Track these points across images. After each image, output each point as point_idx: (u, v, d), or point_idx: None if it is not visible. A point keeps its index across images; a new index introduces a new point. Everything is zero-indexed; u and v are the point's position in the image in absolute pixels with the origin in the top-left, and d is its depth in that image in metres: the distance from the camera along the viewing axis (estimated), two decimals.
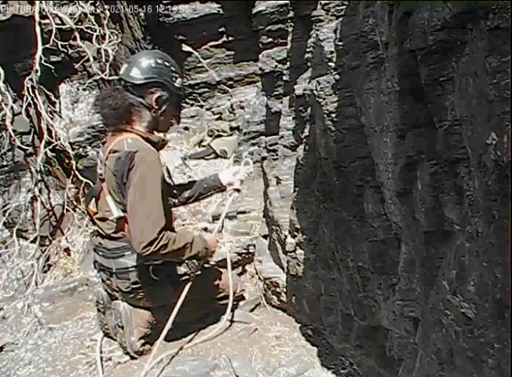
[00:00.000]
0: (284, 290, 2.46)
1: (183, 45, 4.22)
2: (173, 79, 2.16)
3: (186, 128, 4.40)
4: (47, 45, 3.86)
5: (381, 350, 1.79)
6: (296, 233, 2.21)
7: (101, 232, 2.17)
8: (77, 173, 4.00)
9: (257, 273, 2.72)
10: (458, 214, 1.08)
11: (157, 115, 2.15)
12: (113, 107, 2.04)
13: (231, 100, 4.31)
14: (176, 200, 2.47)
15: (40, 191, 3.94)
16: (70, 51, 4.12)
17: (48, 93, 4.04)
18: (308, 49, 2.00)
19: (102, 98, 2.10)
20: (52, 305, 2.90)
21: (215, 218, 3.24)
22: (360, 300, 1.79)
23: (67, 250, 3.99)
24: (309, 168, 2.00)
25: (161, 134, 2.28)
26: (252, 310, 2.58)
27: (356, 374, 2.00)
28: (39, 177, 3.94)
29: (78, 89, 4.23)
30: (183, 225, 3.40)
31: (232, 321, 2.36)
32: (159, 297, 2.18)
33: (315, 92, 1.69)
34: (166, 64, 2.15)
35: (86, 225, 3.92)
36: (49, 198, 4.03)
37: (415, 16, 1.07)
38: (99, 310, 2.40)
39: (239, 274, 2.82)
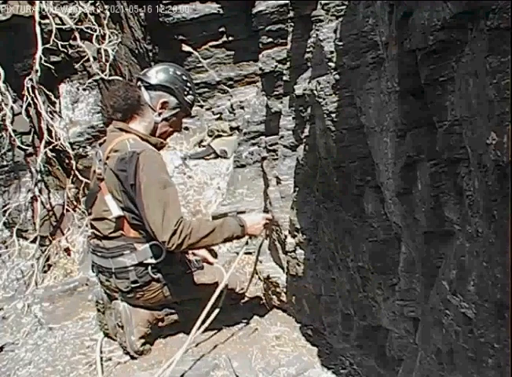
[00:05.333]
0: (284, 290, 2.46)
1: (183, 45, 4.22)
2: (185, 93, 2.23)
3: (186, 128, 4.40)
4: (47, 45, 3.86)
5: (381, 350, 1.79)
6: (296, 233, 2.21)
7: (98, 233, 2.16)
8: (77, 173, 4.00)
9: (257, 273, 2.72)
10: (459, 214, 1.08)
11: (158, 119, 2.19)
12: (123, 98, 2.11)
13: (231, 100, 4.31)
14: None
15: (40, 191, 3.94)
16: (70, 51, 4.12)
17: (48, 93, 4.04)
18: (308, 49, 2.00)
19: (113, 90, 2.18)
20: (52, 305, 2.90)
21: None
22: (360, 300, 1.79)
23: (67, 250, 3.99)
24: (309, 168, 2.00)
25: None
26: (252, 310, 2.58)
27: (356, 374, 1.99)
28: (39, 177, 3.94)
29: (78, 89, 4.23)
30: None
31: (232, 321, 2.36)
32: (159, 296, 2.18)
33: (315, 92, 1.69)
34: (184, 77, 2.24)
35: (86, 225, 3.92)
36: (49, 198, 4.03)
37: (414, 16, 1.07)
38: (99, 310, 2.40)
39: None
